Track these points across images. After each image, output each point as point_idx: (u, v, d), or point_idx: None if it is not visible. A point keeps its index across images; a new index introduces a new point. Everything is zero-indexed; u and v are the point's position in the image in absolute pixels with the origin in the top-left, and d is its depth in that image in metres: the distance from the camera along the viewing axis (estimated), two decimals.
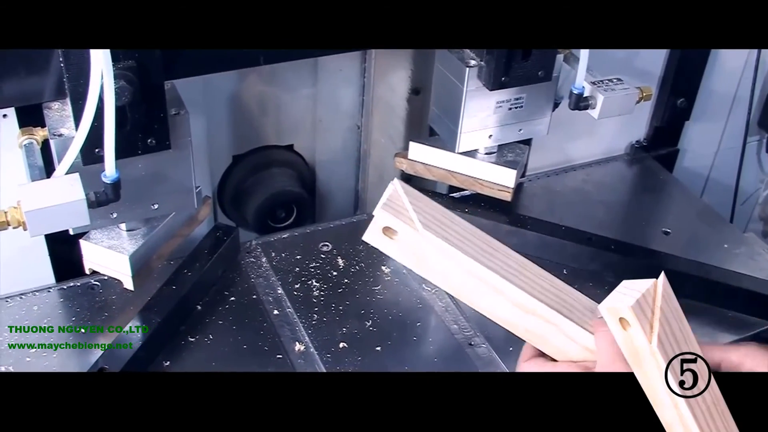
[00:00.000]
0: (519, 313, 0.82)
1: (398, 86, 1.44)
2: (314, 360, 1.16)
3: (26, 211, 0.97)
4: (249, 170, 1.48)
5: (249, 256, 1.34)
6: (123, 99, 0.98)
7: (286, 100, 1.47)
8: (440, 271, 0.84)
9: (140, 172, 1.09)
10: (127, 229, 1.18)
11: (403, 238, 0.82)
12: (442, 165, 1.37)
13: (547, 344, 0.83)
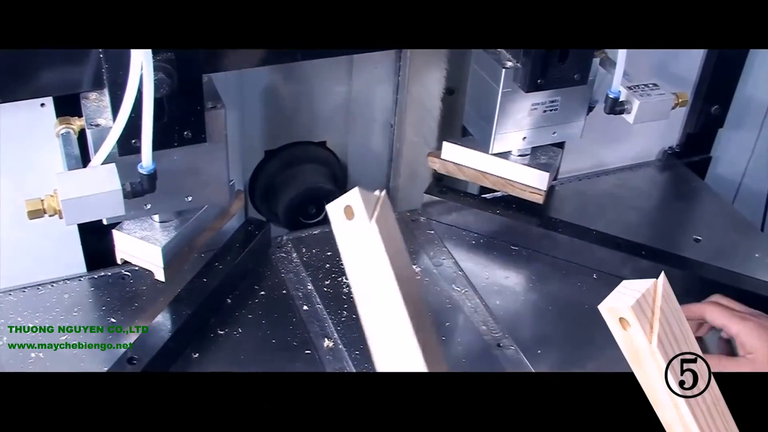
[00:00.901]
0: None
1: (433, 86, 1.44)
2: (343, 357, 1.16)
3: (63, 200, 0.98)
4: (281, 165, 1.48)
5: (280, 251, 1.35)
6: (161, 91, 0.99)
7: (320, 96, 1.47)
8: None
9: (175, 165, 1.10)
10: (159, 220, 1.18)
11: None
12: (474, 165, 1.37)
13: None
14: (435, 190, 1.43)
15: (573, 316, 1.27)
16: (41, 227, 1.10)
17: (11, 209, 1.19)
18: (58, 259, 1.28)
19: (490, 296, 1.28)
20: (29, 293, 1.25)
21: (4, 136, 1.14)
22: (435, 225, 1.42)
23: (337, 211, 0.73)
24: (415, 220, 1.43)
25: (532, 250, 1.38)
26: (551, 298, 1.31)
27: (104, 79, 1.05)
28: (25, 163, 1.17)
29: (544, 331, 1.26)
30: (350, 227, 0.75)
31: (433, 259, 1.34)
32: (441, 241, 1.38)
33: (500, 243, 1.39)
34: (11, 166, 1.17)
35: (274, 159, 1.48)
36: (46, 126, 1.14)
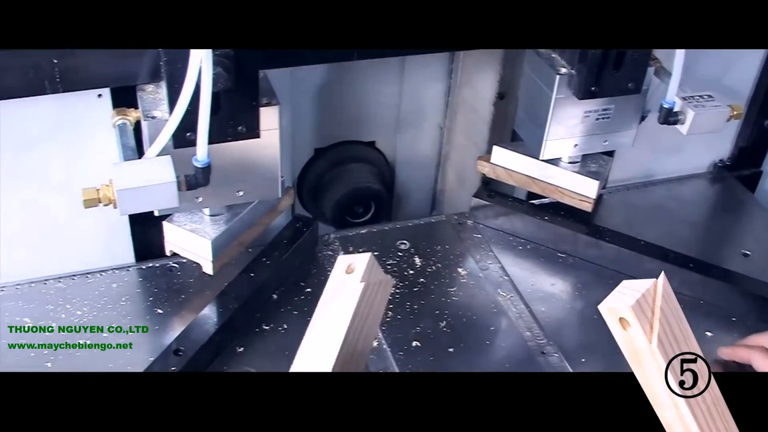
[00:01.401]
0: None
1: (485, 89, 1.43)
2: (386, 357, 1.17)
3: (118, 190, 0.99)
4: (330, 164, 1.49)
5: (327, 249, 1.35)
6: (218, 85, 1.00)
7: (370, 96, 1.48)
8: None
9: (228, 159, 1.11)
10: (210, 214, 1.19)
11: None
12: (524, 171, 1.37)
13: None
14: (483, 194, 1.43)
15: None
16: (93, 217, 1.12)
17: (65, 198, 1.21)
18: (107, 249, 1.29)
19: (535, 302, 1.28)
20: (78, 281, 1.27)
21: (62, 126, 1.16)
22: (482, 229, 1.42)
23: (344, 263, 0.93)
24: (462, 223, 1.43)
25: (579, 258, 1.37)
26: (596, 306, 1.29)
27: (162, 72, 1.06)
28: (81, 152, 1.18)
29: (588, 340, 1.25)
30: (344, 279, 0.93)
31: (479, 263, 1.34)
32: (488, 246, 1.38)
33: (547, 249, 1.39)
34: (68, 155, 1.18)
35: (323, 157, 1.49)
36: (102, 117, 1.15)
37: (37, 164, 1.18)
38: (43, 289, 1.25)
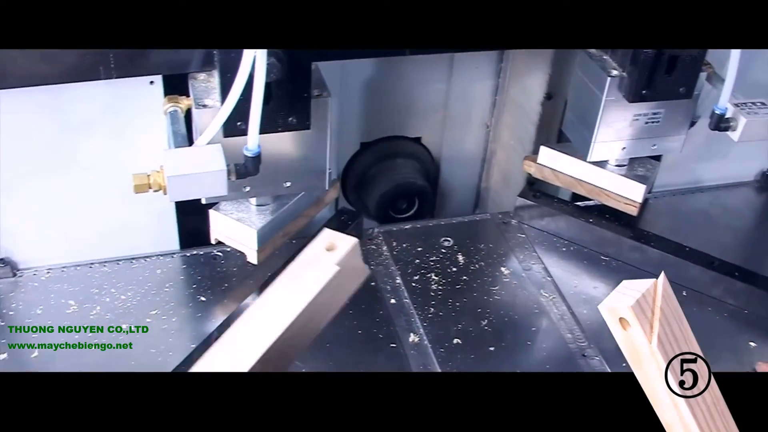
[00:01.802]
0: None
1: (533, 89, 1.43)
2: (427, 353, 1.16)
3: (168, 176, 1.00)
4: (376, 158, 1.49)
5: (370, 243, 1.35)
6: (272, 76, 1.00)
7: (419, 92, 1.48)
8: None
9: (277, 150, 1.11)
10: (256, 203, 1.20)
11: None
12: (570, 172, 1.36)
13: None
14: (528, 194, 1.42)
15: None
16: (140, 202, 1.13)
17: (114, 183, 1.22)
18: (153, 235, 1.30)
19: (577, 305, 1.27)
20: (123, 266, 1.28)
21: (113, 111, 1.17)
22: (526, 229, 1.41)
23: (327, 238, 0.91)
24: (506, 222, 1.42)
25: (622, 262, 1.36)
26: None
27: (215, 62, 1.07)
28: (131, 138, 1.19)
29: None
30: (321, 254, 0.91)
31: (522, 263, 1.33)
32: (531, 246, 1.38)
33: (590, 252, 1.38)
34: (118, 141, 1.19)
35: (369, 151, 1.49)
36: (153, 103, 1.16)
37: (88, 148, 1.19)
38: (88, 273, 1.27)
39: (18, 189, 1.20)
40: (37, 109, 1.14)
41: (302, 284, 0.92)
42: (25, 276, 1.26)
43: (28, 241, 1.26)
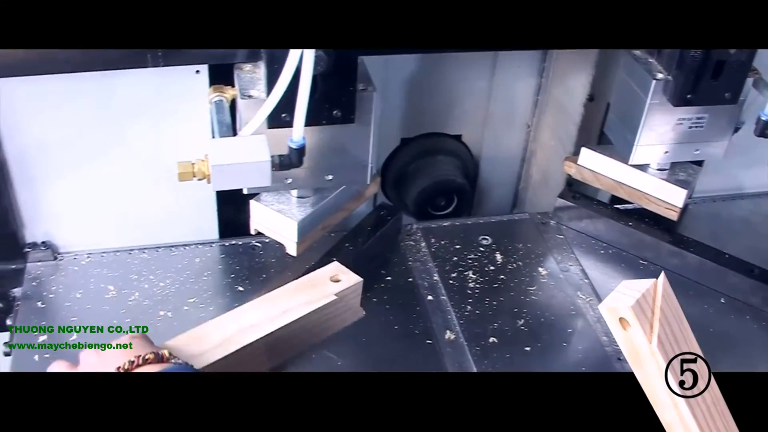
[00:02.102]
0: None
1: (576, 90, 1.42)
2: (463, 351, 1.16)
3: (213, 165, 1.00)
4: (416, 154, 1.49)
5: (409, 239, 1.35)
6: (318, 68, 1.00)
7: (461, 89, 1.47)
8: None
9: (320, 142, 1.11)
10: (297, 196, 1.20)
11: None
12: (611, 175, 1.35)
13: None
14: (568, 195, 1.42)
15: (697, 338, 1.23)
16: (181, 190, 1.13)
17: (156, 170, 1.23)
18: (192, 224, 1.31)
19: None
20: (162, 253, 1.29)
21: (159, 99, 1.18)
22: (565, 230, 1.41)
23: (336, 270, 1.04)
24: (545, 223, 1.42)
25: (661, 267, 1.35)
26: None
27: (261, 53, 1.07)
28: (175, 126, 1.20)
29: None
30: (324, 281, 1.02)
31: (560, 264, 1.33)
32: (570, 247, 1.37)
33: (629, 255, 1.37)
34: (162, 129, 1.20)
35: (410, 147, 1.49)
36: (198, 93, 1.16)
37: (132, 135, 1.20)
38: (128, 259, 1.28)
39: (62, 174, 1.22)
40: (85, 96, 1.15)
41: (297, 301, 1.00)
42: (66, 260, 1.27)
43: (70, 225, 1.27)
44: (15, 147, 1.17)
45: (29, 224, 1.25)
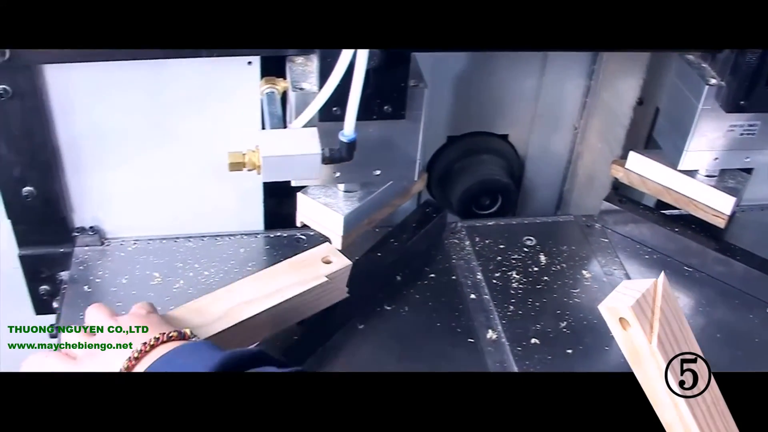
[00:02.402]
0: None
1: (626, 93, 1.41)
2: (504, 351, 1.16)
3: (264, 156, 1.01)
4: (462, 153, 1.48)
5: (453, 236, 1.35)
6: (371, 62, 1.00)
7: (509, 89, 1.47)
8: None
9: (370, 137, 1.12)
10: (344, 190, 1.20)
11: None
12: (659, 180, 1.34)
13: None
14: (614, 198, 1.41)
15: (741, 347, 1.23)
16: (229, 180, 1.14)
17: (205, 159, 1.24)
18: (238, 214, 1.32)
19: None
20: (207, 242, 1.30)
21: (210, 89, 1.18)
22: (610, 234, 1.40)
23: (328, 251, 1.10)
24: (590, 225, 1.41)
25: (706, 274, 1.34)
26: (720, 325, 1.27)
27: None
28: (225, 117, 1.21)
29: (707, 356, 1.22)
30: (315, 262, 1.08)
31: (603, 268, 1.32)
32: (614, 251, 1.36)
33: (674, 261, 1.36)
34: (212, 118, 1.21)
35: (456, 145, 1.49)
36: (249, 84, 1.17)
37: (182, 124, 1.21)
38: (173, 247, 1.29)
39: (113, 160, 1.23)
40: (138, 84, 1.17)
41: (289, 281, 1.05)
42: (113, 245, 1.29)
43: (118, 211, 1.29)
44: (68, 133, 1.19)
45: (78, 209, 1.27)
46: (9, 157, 1.16)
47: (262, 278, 1.06)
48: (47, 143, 1.18)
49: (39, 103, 1.14)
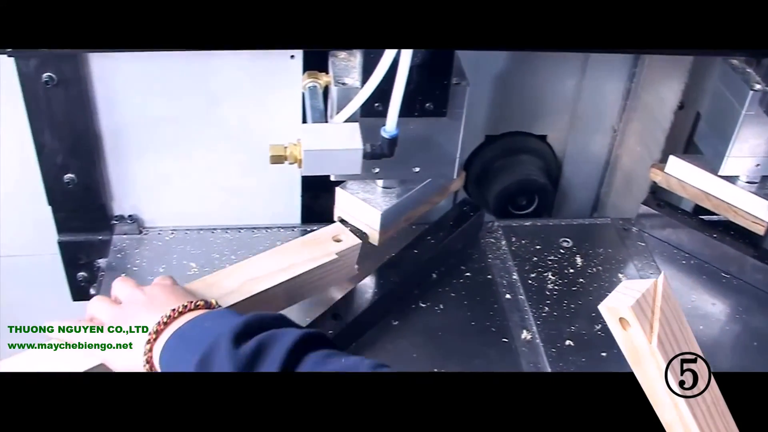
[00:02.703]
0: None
1: (668, 97, 1.40)
2: (538, 351, 1.16)
3: (305, 150, 1.01)
4: (500, 152, 1.48)
5: (490, 236, 1.35)
6: (415, 59, 1.00)
7: (549, 89, 1.46)
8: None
9: (411, 134, 1.11)
10: (382, 186, 1.20)
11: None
12: (699, 185, 1.33)
13: None
14: (652, 202, 1.40)
15: None
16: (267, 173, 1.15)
17: (245, 152, 1.24)
18: (275, 207, 1.32)
19: (693, 320, 1.24)
20: (244, 234, 1.31)
21: (252, 82, 1.19)
22: (647, 237, 1.39)
23: (339, 230, 1.15)
24: (627, 229, 1.40)
25: (744, 281, 1.33)
26: (756, 333, 1.25)
27: None
28: (266, 109, 1.21)
29: (741, 364, 1.21)
30: (327, 240, 1.13)
31: (640, 272, 1.32)
32: (651, 255, 1.35)
33: (711, 267, 1.35)
34: (252, 111, 1.21)
35: (494, 144, 1.48)
36: (291, 78, 1.17)
37: (225, 116, 1.22)
38: (210, 237, 1.30)
39: (153, 150, 1.24)
40: (182, 75, 1.17)
41: (302, 257, 1.09)
42: (150, 234, 1.30)
43: (157, 201, 1.29)
44: (110, 121, 1.20)
45: (118, 197, 1.28)
46: (52, 144, 1.17)
47: (275, 255, 1.10)
48: (90, 131, 1.18)
49: (83, 91, 1.15)
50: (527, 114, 1.49)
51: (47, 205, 1.24)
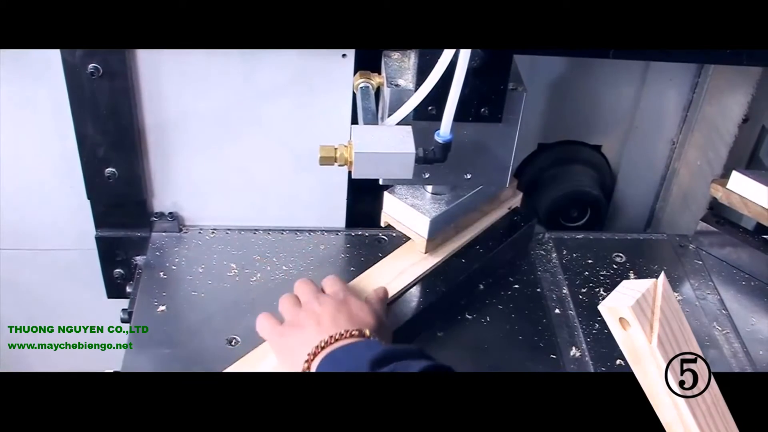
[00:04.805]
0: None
1: (732, 109, 1.35)
2: (587, 370, 1.11)
3: (357, 152, 0.97)
4: (552, 161, 1.44)
5: (540, 248, 1.31)
6: (473, 62, 0.96)
7: (606, 98, 1.42)
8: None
9: (464, 139, 1.08)
10: (432, 191, 1.17)
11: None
12: (763, 202, 1.28)
13: None
14: (712, 219, 1.35)
15: None
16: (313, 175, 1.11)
17: (292, 152, 1.21)
18: (320, 210, 1.29)
19: (753, 344, 1.19)
20: (287, 236, 1.27)
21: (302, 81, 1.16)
22: (704, 256, 1.34)
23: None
24: (683, 246, 1.35)
25: None
26: None
27: None
28: (315, 109, 1.18)
29: None
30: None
31: (696, 291, 1.26)
32: (708, 275, 1.30)
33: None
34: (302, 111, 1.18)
35: (547, 153, 1.44)
36: (343, 77, 1.14)
37: (272, 115, 1.19)
38: (252, 238, 1.26)
39: (197, 147, 1.21)
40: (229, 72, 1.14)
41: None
42: (191, 233, 1.27)
43: (198, 199, 1.26)
44: (154, 117, 1.17)
45: (159, 194, 1.25)
46: (94, 136, 1.15)
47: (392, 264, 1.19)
48: (133, 125, 1.16)
49: (128, 84, 1.12)
50: (582, 123, 1.45)
51: (86, 199, 1.22)
